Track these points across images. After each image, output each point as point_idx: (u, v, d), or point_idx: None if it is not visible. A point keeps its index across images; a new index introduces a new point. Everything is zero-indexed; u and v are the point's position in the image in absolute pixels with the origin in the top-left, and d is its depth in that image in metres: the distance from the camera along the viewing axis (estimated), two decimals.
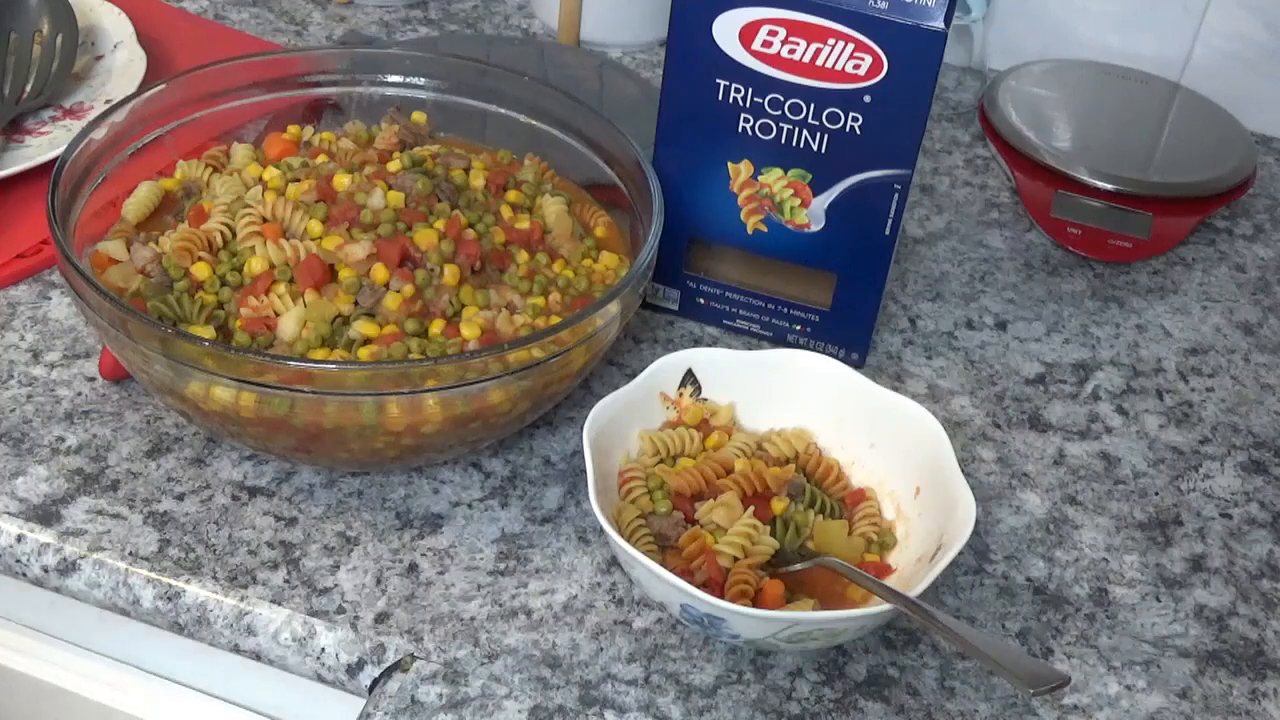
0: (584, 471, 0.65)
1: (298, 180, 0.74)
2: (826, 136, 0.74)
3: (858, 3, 0.70)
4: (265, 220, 0.71)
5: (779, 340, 0.83)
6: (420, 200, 0.72)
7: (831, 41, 0.71)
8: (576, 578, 0.68)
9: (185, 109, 0.79)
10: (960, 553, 0.68)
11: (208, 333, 0.67)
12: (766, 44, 0.72)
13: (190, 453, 0.72)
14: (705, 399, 0.73)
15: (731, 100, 0.75)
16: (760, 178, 0.77)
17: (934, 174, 1.01)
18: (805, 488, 0.69)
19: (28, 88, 0.91)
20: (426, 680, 0.62)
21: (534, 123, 0.83)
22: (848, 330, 0.81)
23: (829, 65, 0.72)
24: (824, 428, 0.73)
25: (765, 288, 0.82)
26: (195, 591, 0.65)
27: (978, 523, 0.72)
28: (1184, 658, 0.68)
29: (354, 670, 0.64)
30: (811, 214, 0.77)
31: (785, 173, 0.76)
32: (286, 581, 0.66)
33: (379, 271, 0.69)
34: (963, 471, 0.66)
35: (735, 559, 0.65)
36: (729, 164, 0.77)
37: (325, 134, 0.80)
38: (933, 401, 0.80)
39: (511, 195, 0.77)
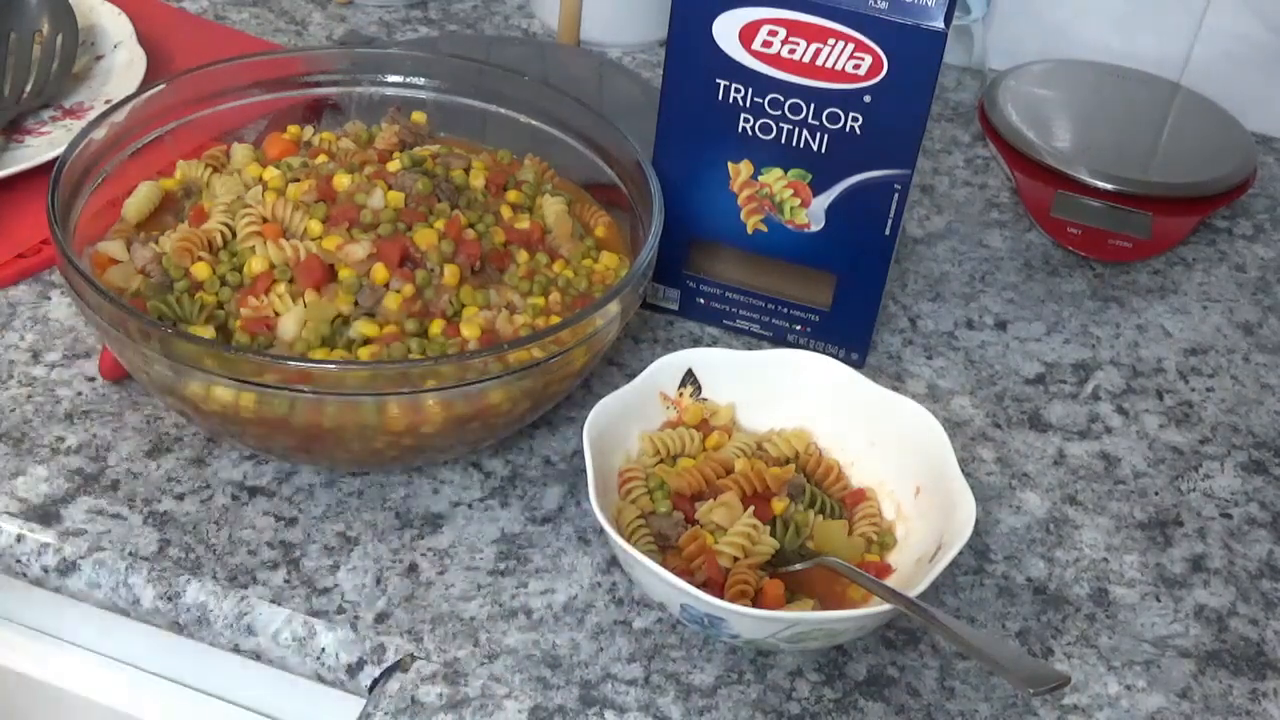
0: (584, 471, 0.65)
1: (298, 180, 0.74)
2: (826, 136, 0.74)
3: (858, 3, 0.70)
4: (265, 220, 0.71)
5: (779, 340, 0.83)
6: (420, 200, 0.72)
7: (831, 41, 0.71)
8: (576, 578, 0.68)
9: (185, 109, 0.79)
10: (960, 553, 0.68)
11: (208, 333, 0.67)
12: (766, 44, 0.72)
13: (190, 453, 0.72)
14: (705, 399, 0.73)
15: (731, 100, 0.75)
16: (760, 178, 0.77)
17: (934, 174, 1.01)
18: (805, 488, 0.69)
19: (28, 88, 0.91)
20: (426, 680, 0.62)
21: (534, 123, 0.82)
22: (848, 330, 0.81)
23: (829, 65, 0.72)
24: (824, 428, 0.73)
25: (765, 288, 0.82)
26: (195, 591, 0.65)
27: (978, 523, 0.72)
28: (1184, 658, 0.68)
29: (354, 670, 0.64)
30: (811, 214, 0.77)
31: (785, 173, 0.76)
32: (286, 581, 0.66)
33: (379, 271, 0.69)
34: (963, 471, 0.66)
35: (735, 559, 0.65)
36: (729, 164, 0.77)
37: (325, 134, 0.80)
38: (933, 401, 0.80)
39: (511, 195, 0.77)
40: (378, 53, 0.84)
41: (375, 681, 0.64)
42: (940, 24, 0.70)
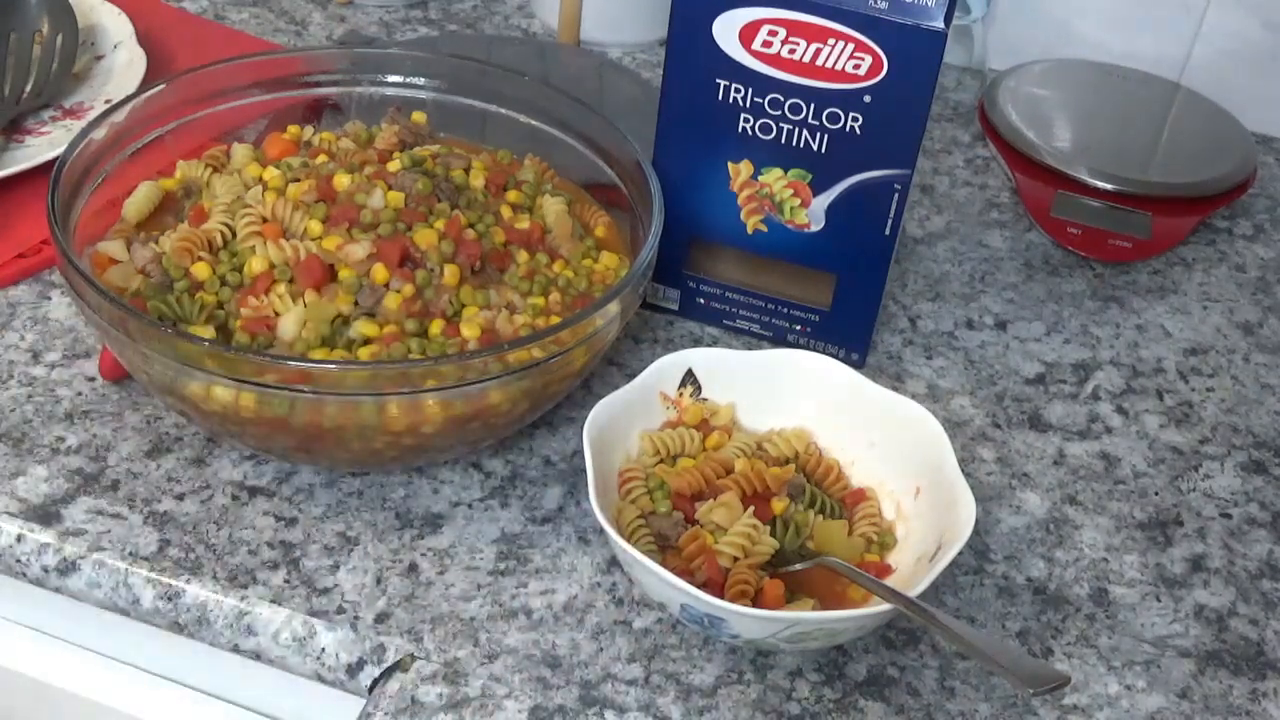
0: (584, 471, 0.65)
1: (298, 180, 0.74)
2: (826, 136, 0.74)
3: (858, 3, 0.70)
4: (265, 220, 0.71)
5: (779, 340, 0.83)
6: (420, 200, 0.72)
7: (831, 41, 0.71)
8: (576, 578, 0.68)
9: (185, 109, 0.79)
10: (960, 553, 0.68)
11: (208, 333, 0.67)
12: (766, 44, 0.72)
13: (190, 453, 0.72)
14: (705, 399, 0.73)
15: (731, 100, 0.75)
16: (760, 178, 0.77)
17: (934, 174, 1.01)
18: (805, 488, 0.69)
19: (28, 88, 0.91)
20: (426, 680, 0.62)
21: (534, 123, 0.82)
22: (848, 330, 0.81)
23: (829, 65, 0.72)
24: (824, 428, 0.73)
25: (765, 288, 0.82)
26: (195, 591, 0.65)
27: (978, 523, 0.72)
28: (1184, 658, 0.68)
29: (354, 670, 0.64)
30: (811, 214, 0.77)
31: (785, 173, 0.76)
32: (286, 581, 0.66)
33: (379, 271, 0.69)
34: (963, 471, 0.66)
35: (735, 559, 0.65)
36: (729, 164, 0.77)
37: (325, 134, 0.80)
38: (933, 401, 0.80)
39: (511, 195, 0.77)
40: (378, 53, 0.84)
41: (375, 681, 0.64)
42: (940, 24, 0.70)
